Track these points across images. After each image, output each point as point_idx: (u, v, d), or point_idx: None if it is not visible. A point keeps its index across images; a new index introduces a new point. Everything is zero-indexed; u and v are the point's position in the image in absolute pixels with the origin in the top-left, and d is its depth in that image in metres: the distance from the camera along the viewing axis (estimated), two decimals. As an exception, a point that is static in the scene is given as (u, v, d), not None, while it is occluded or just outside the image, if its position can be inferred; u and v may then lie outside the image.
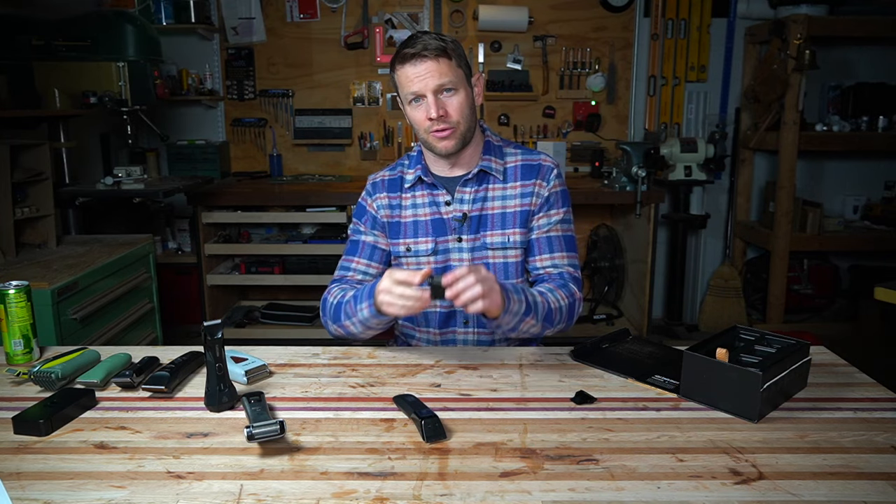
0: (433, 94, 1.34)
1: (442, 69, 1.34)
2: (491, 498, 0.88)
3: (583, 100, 3.74)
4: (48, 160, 2.32)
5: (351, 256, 1.53)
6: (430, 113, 1.34)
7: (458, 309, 1.47)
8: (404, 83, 1.37)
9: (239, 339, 3.30)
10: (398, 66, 1.37)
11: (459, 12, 3.66)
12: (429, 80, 1.34)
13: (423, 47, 1.33)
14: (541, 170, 1.48)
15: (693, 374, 1.15)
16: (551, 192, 1.47)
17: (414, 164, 1.51)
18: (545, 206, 1.47)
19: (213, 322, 1.11)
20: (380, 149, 3.79)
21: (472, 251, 1.47)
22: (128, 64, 2.74)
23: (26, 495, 0.88)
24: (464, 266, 1.20)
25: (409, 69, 1.34)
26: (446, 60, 1.34)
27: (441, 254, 1.48)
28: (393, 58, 1.39)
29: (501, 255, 1.47)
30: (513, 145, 1.53)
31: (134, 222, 3.25)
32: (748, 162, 3.78)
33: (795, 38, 3.20)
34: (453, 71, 1.35)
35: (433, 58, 1.33)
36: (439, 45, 1.34)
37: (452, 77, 1.35)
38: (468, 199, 1.46)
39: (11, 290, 1.30)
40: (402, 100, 1.42)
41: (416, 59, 1.33)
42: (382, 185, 1.52)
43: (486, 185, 1.47)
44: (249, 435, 0.97)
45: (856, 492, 0.89)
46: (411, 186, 1.49)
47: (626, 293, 3.66)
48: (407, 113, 1.42)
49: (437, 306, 1.48)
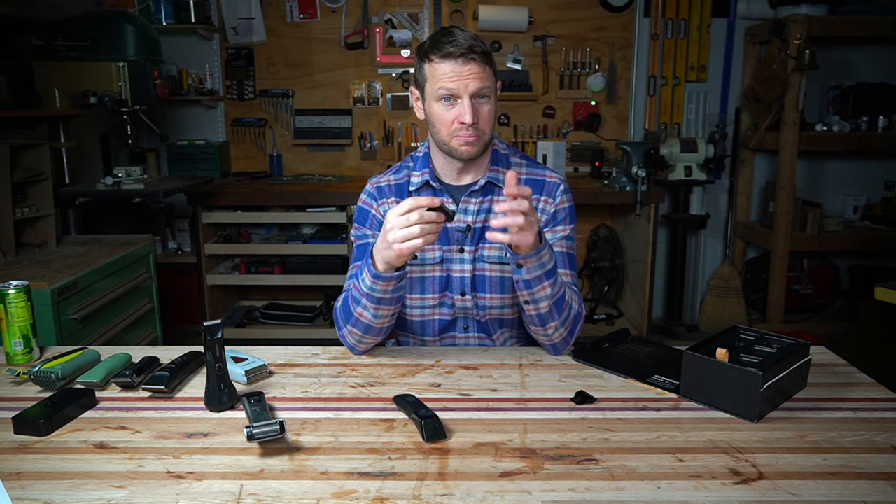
0: (470, 98, 1.30)
1: (484, 75, 1.30)
2: (491, 498, 0.88)
3: (583, 100, 3.74)
4: (48, 160, 2.32)
5: (360, 263, 1.42)
6: (465, 117, 1.29)
7: (458, 316, 1.47)
8: (439, 78, 1.30)
9: (239, 339, 3.30)
10: (436, 59, 1.30)
11: (459, 12, 3.66)
12: (470, 83, 1.29)
13: (470, 48, 1.28)
14: (545, 186, 1.44)
15: (693, 374, 1.15)
16: (558, 207, 1.43)
17: (420, 166, 1.45)
18: (551, 221, 1.43)
19: (213, 322, 1.11)
20: (380, 149, 3.79)
21: (473, 262, 1.44)
22: (128, 64, 2.74)
23: (26, 495, 0.88)
24: (512, 188, 1.14)
25: (450, 66, 1.29)
26: (489, 67, 1.32)
27: (445, 263, 1.44)
28: (426, 47, 1.33)
29: (499, 270, 1.44)
30: (519, 155, 1.49)
31: (134, 222, 3.25)
32: (748, 162, 3.78)
33: (795, 38, 3.20)
34: (491, 78, 1.33)
35: (479, 61, 1.29)
36: (485, 50, 1.30)
37: (490, 84, 1.32)
38: (473, 209, 1.42)
39: (11, 290, 1.30)
40: (425, 94, 1.35)
41: (461, 59, 1.28)
42: (389, 189, 1.46)
43: (491, 196, 1.43)
44: (249, 435, 0.97)
45: (856, 492, 0.89)
46: (417, 190, 1.44)
47: (626, 293, 3.66)
48: (430, 109, 1.35)
49: (435, 314, 1.46)
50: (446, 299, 1.46)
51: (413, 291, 1.46)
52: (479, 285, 1.44)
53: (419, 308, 1.47)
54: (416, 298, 1.47)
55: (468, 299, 1.45)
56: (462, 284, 1.44)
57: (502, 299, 1.45)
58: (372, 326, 1.33)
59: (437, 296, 1.46)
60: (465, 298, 1.45)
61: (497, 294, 1.44)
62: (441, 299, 1.46)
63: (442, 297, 1.46)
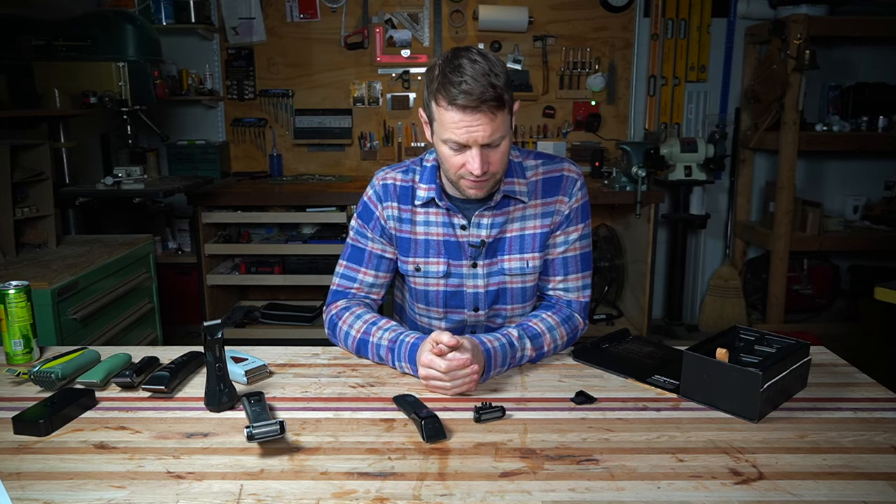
0: (479, 149, 1.19)
1: (496, 124, 1.17)
2: (491, 498, 0.88)
3: (583, 100, 3.74)
4: (48, 160, 2.32)
5: (356, 266, 1.41)
6: (474, 168, 1.20)
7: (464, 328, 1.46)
8: (447, 125, 1.19)
9: (239, 339, 3.30)
10: (443, 102, 1.17)
11: (459, 12, 3.66)
12: (479, 135, 1.17)
13: (480, 98, 1.14)
14: (563, 183, 1.37)
15: (693, 374, 1.15)
16: (572, 207, 1.37)
17: (427, 180, 1.36)
18: (564, 223, 1.38)
19: (213, 322, 1.11)
20: (380, 149, 3.79)
21: (487, 276, 1.39)
22: (128, 64, 2.74)
23: (26, 495, 0.88)
24: (459, 353, 1.16)
25: (457, 115, 1.16)
26: (501, 113, 1.18)
27: (454, 277, 1.39)
28: (434, 83, 1.19)
29: (520, 281, 1.40)
30: (532, 155, 1.40)
31: (134, 222, 3.25)
32: (748, 162, 3.78)
33: (795, 38, 3.20)
34: (504, 122, 1.20)
35: (489, 110, 1.16)
36: (496, 95, 1.15)
37: (503, 130, 1.20)
38: (486, 223, 1.36)
39: (11, 290, 1.30)
40: (433, 129, 1.25)
41: (468, 110, 1.15)
42: (394, 191, 1.38)
43: (507, 208, 1.36)
44: (249, 435, 0.97)
45: (856, 492, 0.89)
46: (424, 205, 1.37)
47: (626, 293, 3.66)
48: (437, 146, 1.26)
49: (442, 326, 1.46)
50: (453, 314, 1.44)
51: (418, 301, 1.46)
52: (501, 298, 1.42)
53: (426, 317, 1.48)
54: (422, 308, 1.47)
55: (481, 315, 1.43)
56: (475, 300, 1.42)
57: (524, 308, 1.45)
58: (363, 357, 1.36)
59: (442, 310, 1.44)
60: (479, 314, 1.43)
61: (519, 304, 1.44)
62: (446, 314, 1.44)
63: (447, 311, 1.44)
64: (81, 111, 2.72)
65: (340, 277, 1.42)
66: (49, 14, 2.75)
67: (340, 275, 1.42)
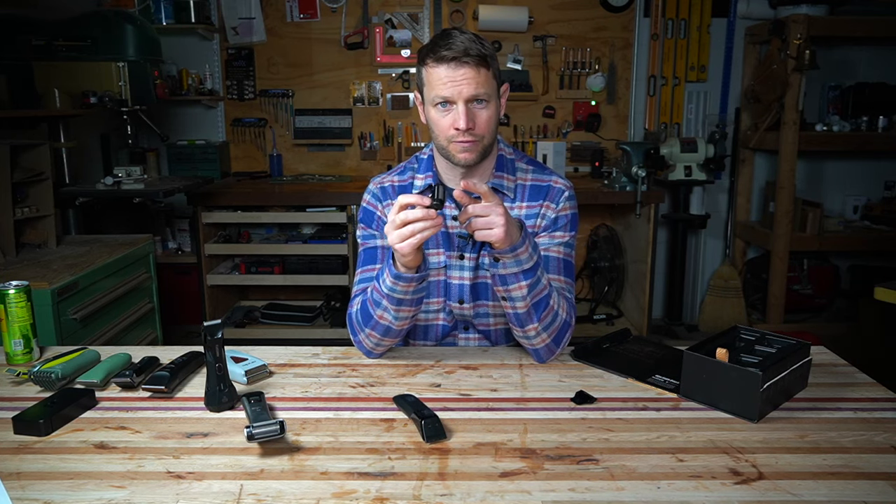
0: (465, 104, 1.25)
1: (480, 79, 1.25)
2: (491, 498, 0.88)
3: (583, 100, 3.74)
4: (48, 160, 2.32)
5: (372, 265, 1.41)
6: (459, 123, 1.25)
7: (459, 320, 1.46)
8: (434, 83, 1.27)
9: (239, 339, 3.30)
10: (431, 63, 1.27)
11: (459, 12, 3.66)
12: (464, 88, 1.24)
13: (465, 51, 1.23)
14: (550, 192, 1.41)
15: (693, 374, 1.15)
16: (560, 213, 1.40)
17: (424, 169, 1.42)
18: (550, 227, 1.40)
19: (213, 322, 1.11)
20: (380, 149, 3.79)
21: (473, 270, 1.40)
22: (128, 64, 2.74)
23: (26, 495, 0.88)
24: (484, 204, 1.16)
25: (444, 71, 1.25)
26: (485, 70, 1.26)
27: (448, 269, 1.42)
28: (423, 51, 1.29)
29: None
30: (525, 160, 1.45)
31: (134, 222, 3.25)
32: (748, 162, 3.78)
33: (795, 38, 3.20)
34: (489, 82, 1.27)
35: (473, 65, 1.24)
36: (480, 52, 1.24)
37: (488, 88, 1.27)
38: None
39: (11, 290, 1.30)
40: (424, 98, 1.32)
41: (454, 63, 1.23)
42: (393, 190, 1.43)
43: None
44: (249, 435, 0.97)
45: (856, 492, 0.89)
46: (420, 193, 1.40)
47: (626, 293, 3.66)
48: (428, 114, 1.32)
49: (439, 319, 1.45)
50: (446, 305, 1.44)
51: None
52: (483, 293, 1.42)
53: (423, 312, 1.45)
54: None
55: (466, 307, 1.43)
56: (460, 292, 1.42)
57: None
58: (392, 328, 1.31)
59: (441, 300, 1.44)
60: (464, 307, 1.43)
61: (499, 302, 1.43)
62: (443, 305, 1.44)
63: (443, 302, 1.44)
64: (81, 111, 2.72)
65: (359, 283, 1.42)
66: (49, 14, 2.75)
67: (358, 281, 1.43)
